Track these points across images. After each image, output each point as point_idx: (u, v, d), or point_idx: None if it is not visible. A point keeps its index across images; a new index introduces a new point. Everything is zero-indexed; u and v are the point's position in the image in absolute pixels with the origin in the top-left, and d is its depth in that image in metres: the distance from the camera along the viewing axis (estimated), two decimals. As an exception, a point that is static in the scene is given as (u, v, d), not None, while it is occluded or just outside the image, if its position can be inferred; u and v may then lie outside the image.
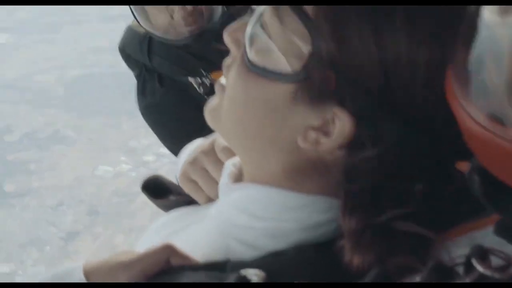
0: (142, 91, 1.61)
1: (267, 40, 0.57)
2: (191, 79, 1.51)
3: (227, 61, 0.63)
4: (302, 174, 0.60)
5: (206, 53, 1.52)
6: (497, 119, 0.41)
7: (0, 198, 3.28)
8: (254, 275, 0.54)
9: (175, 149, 1.56)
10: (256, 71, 0.57)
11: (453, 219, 0.56)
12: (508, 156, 0.41)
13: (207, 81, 1.50)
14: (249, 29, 0.58)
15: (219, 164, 0.75)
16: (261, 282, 0.54)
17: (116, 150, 3.64)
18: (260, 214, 0.62)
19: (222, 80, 0.63)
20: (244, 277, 0.54)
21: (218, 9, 1.46)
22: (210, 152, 0.77)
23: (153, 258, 0.60)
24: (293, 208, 0.61)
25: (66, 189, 3.32)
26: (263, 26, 0.58)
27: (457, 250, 0.51)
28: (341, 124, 0.55)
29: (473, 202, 0.49)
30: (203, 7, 1.45)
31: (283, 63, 0.56)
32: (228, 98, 0.62)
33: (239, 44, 0.61)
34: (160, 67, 1.56)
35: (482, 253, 0.46)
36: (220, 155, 0.76)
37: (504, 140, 0.41)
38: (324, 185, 0.60)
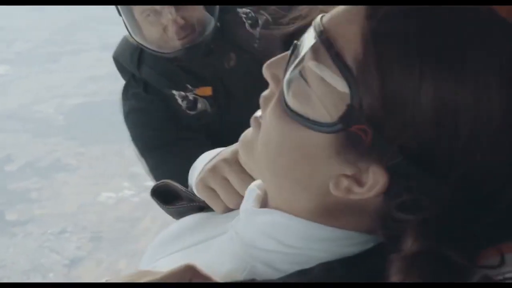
0: (125, 95, 1.62)
1: (305, 87, 0.56)
2: (175, 92, 1.51)
3: (265, 93, 0.63)
4: (334, 212, 0.60)
5: (195, 67, 1.53)
6: None
7: (2, 226, 3.27)
8: None
9: (147, 157, 1.56)
10: (293, 117, 0.57)
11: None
12: None
13: (191, 96, 1.49)
14: (288, 75, 0.58)
15: (241, 175, 0.75)
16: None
17: (118, 176, 3.64)
18: (287, 242, 0.62)
19: (258, 113, 0.64)
20: None
21: (211, 24, 1.48)
22: (233, 162, 0.76)
23: (176, 279, 0.59)
24: (323, 239, 0.61)
25: (68, 216, 3.32)
26: (301, 73, 0.57)
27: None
28: (375, 176, 0.54)
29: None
30: (195, 21, 1.46)
31: (320, 112, 0.55)
32: (263, 136, 0.61)
33: (278, 80, 0.60)
34: (148, 77, 1.57)
35: None
36: (245, 167, 0.75)
37: None
38: (359, 223, 0.59)
